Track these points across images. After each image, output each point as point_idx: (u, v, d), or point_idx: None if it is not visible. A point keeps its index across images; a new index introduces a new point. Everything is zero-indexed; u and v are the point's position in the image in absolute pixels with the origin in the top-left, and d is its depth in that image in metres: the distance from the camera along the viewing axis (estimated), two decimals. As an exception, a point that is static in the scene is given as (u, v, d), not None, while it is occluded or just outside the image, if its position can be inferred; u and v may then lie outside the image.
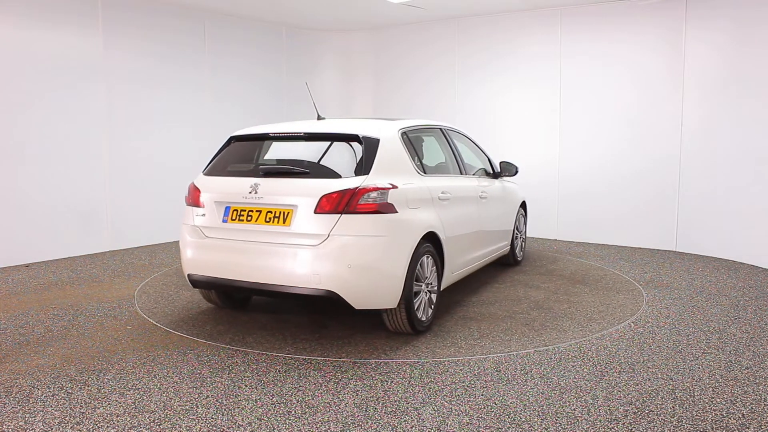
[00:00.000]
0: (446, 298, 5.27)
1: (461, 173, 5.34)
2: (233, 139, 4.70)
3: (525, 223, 6.97)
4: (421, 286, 4.31)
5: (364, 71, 10.15)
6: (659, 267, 6.64)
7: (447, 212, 4.68)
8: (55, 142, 6.89)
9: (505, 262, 6.59)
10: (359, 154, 4.14)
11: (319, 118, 5.02)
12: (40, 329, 4.48)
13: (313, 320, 4.68)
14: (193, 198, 4.43)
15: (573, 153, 8.17)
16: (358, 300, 3.94)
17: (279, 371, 3.70)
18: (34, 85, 6.69)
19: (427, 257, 4.35)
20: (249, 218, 4.15)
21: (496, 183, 5.99)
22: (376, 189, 3.97)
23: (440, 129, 5.41)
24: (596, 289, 5.65)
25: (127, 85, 7.53)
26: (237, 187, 4.24)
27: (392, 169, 4.23)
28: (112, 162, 7.43)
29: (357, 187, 3.93)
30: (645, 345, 4.17)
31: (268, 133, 4.53)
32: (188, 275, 4.39)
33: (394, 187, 4.10)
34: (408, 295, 4.10)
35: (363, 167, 4.06)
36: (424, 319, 4.35)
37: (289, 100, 9.59)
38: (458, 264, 4.97)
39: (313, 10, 8.45)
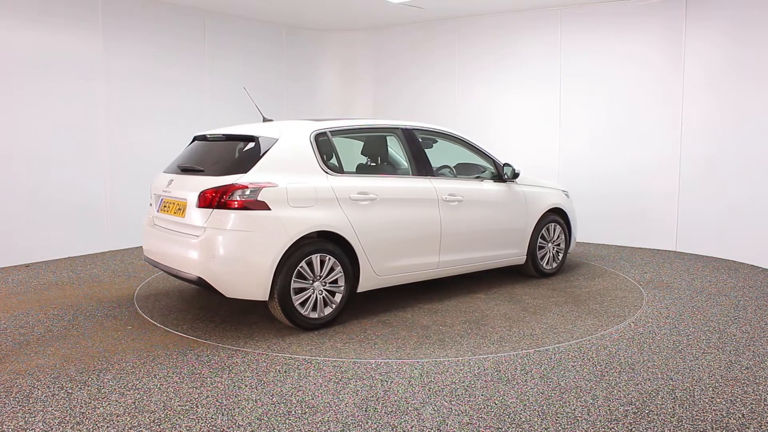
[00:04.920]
0: (401, 301, 5.18)
1: (423, 175, 5.16)
2: (194, 139, 5.19)
3: (565, 233, 6.31)
4: (310, 283, 4.39)
5: (364, 71, 10.14)
6: (659, 267, 6.64)
7: (366, 213, 4.66)
8: (55, 142, 6.89)
9: (527, 273, 6.14)
10: (253, 154, 4.44)
11: (264, 120, 5.21)
12: (40, 329, 4.48)
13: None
14: (150, 191, 5.10)
15: (573, 153, 8.17)
16: (227, 289, 4.24)
17: (279, 371, 3.70)
18: (34, 85, 6.69)
19: (321, 256, 4.41)
20: (167, 209, 4.67)
21: (496, 187, 5.76)
22: (246, 186, 4.20)
23: (401, 129, 5.26)
24: (578, 312, 4.88)
25: (127, 85, 7.52)
26: (163, 182, 4.81)
27: (284, 168, 4.42)
28: (112, 162, 7.43)
29: (229, 185, 4.21)
30: (645, 345, 4.17)
31: (206, 135, 5.02)
32: (144, 257, 5.02)
33: (272, 185, 4.27)
34: (283, 290, 4.26)
35: (248, 165, 4.34)
36: (315, 316, 4.43)
37: (289, 100, 9.59)
38: (391, 268, 4.86)
39: (312, 10, 8.45)
